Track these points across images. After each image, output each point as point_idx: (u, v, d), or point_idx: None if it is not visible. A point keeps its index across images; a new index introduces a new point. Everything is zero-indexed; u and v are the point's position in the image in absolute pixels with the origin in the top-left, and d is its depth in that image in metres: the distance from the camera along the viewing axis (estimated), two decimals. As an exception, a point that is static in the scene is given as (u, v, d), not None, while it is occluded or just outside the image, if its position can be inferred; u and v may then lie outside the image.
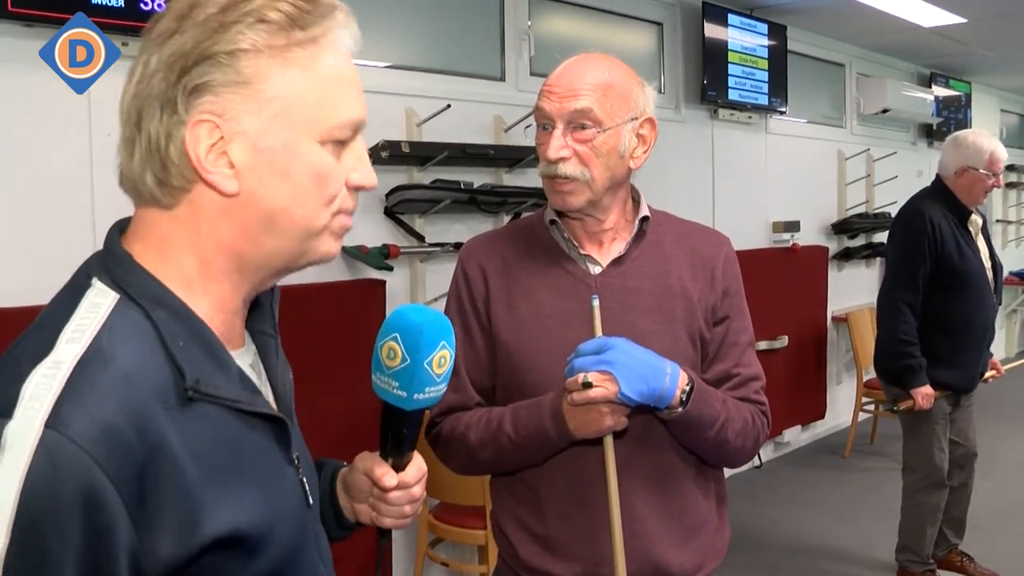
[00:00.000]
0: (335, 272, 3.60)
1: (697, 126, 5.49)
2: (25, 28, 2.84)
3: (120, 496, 0.79)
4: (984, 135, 3.79)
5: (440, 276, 3.93)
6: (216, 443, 0.89)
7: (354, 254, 3.58)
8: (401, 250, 3.71)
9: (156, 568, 0.83)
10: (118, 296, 0.89)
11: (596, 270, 1.68)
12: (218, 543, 0.87)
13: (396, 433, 1.14)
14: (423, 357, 1.09)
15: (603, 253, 1.69)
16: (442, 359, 1.11)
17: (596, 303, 1.60)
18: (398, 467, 1.14)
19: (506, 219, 4.17)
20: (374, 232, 3.70)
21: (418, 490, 1.17)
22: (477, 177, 4.01)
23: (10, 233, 2.84)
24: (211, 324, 0.93)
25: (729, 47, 5.47)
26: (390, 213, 3.73)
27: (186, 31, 0.88)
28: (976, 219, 3.80)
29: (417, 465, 1.17)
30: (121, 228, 0.97)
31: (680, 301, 1.65)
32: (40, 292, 2.69)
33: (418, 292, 3.87)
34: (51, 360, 0.82)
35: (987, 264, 3.81)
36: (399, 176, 3.77)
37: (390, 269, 3.64)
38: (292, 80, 0.90)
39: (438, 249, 3.86)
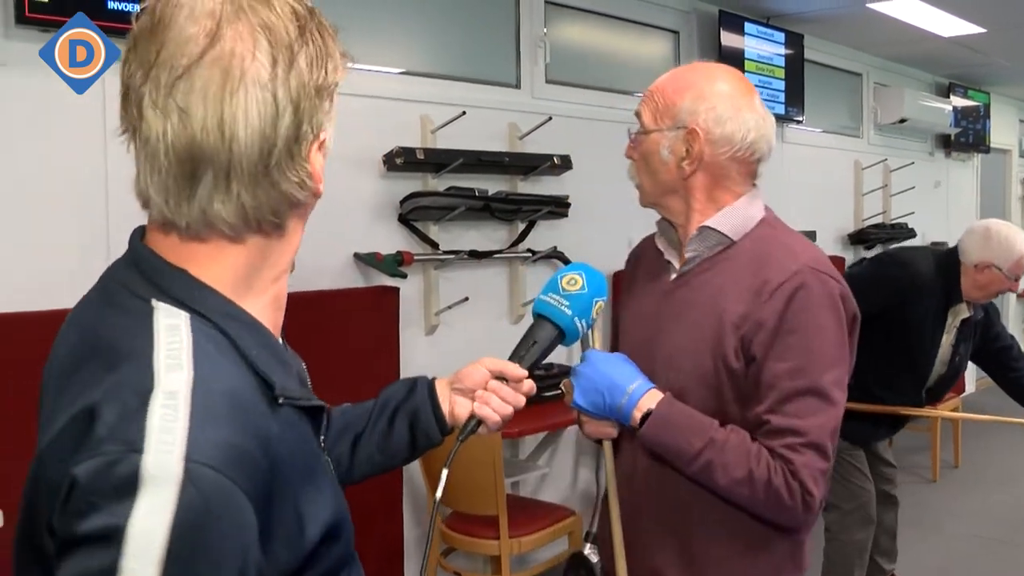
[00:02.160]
0: (349, 279, 3.59)
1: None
2: (41, 33, 2.84)
3: (256, 516, 0.81)
4: (1020, 234, 3.35)
5: (454, 284, 3.91)
6: (297, 444, 0.93)
7: (368, 261, 3.56)
8: (415, 257, 3.69)
9: None
10: (188, 315, 0.89)
11: (672, 277, 1.70)
12: (318, 542, 0.91)
13: (542, 343, 1.37)
14: (594, 295, 1.39)
15: (680, 261, 1.70)
16: (599, 307, 1.42)
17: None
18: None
19: (520, 227, 4.15)
20: (388, 239, 3.68)
21: (523, 397, 1.33)
22: (491, 184, 3.99)
23: (25, 237, 2.84)
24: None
25: (745, 56, 5.44)
26: (404, 220, 3.71)
27: (299, 60, 0.89)
28: (961, 309, 3.38)
29: (531, 382, 1.34)
30: (140, 235, 0.96)
31: (715, 324, 1.59)
32: (54, 296, 2.73)
33: (432, 299, 3.85)
34: (163, 391, 0.81)
35: (941, 359, 3.47)
36: (413, 183, 3.75)
37: (404, 276, 3.62)
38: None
39: (452, 256, 3.84)
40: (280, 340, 1.02)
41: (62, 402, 0.85)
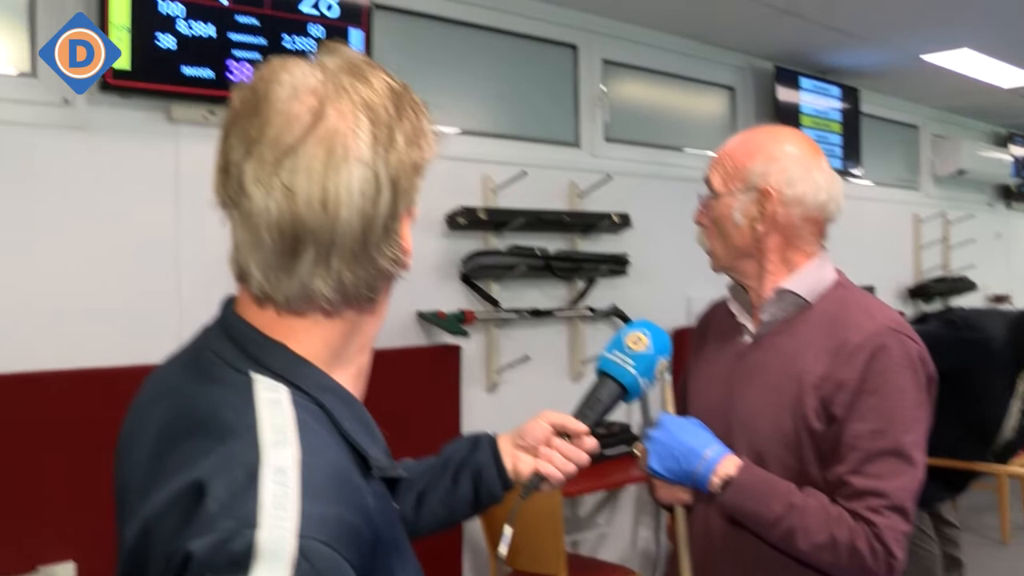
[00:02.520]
0: (411, 337, 3.62)
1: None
2: (123, 99, 2.96)
3: None
4: None
5: (515, 342, 3.93)
6: (387, 514, 0.93)
7: (431, 319, 3.59)
8: (477, 315, 3.72)
9: None
10: (287, 389, 0.90)
11: (747, 340, 1.70)
12: None
13: (605, 401, 1.36)
14: (658, 354, 1.39)
15: (755, 324, 1.70)
16: (664, 366, 1.42)
17: (668, 378, 1.60)
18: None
19: (580, 285, 4.17)
20: (450, 297, 3.72)
21: (586, 455, 1.32)
22: (552, 242, 4.02)
23: (101, 296, 2.92)
24: None
25: (802, 110, 5.44)
26: (466, 278, 3.75)
27: (397, 137, 0.91)
28: None
29: (593, 439, 1.33)
30: (232, 305, 0.97)
31: (794, 385, 1.59)
32: (129, 352, 2.79)
33: (493, 358, 3.86)
34: (271, 467, 0.82)
35: (1010, 425, 3.38)
36: (475, 242, 3.79)
37: (466, 335, 3.65)
38: None
39: (513, 315, 3.86)
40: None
41: (162, 474, 0.85)
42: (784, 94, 5.33)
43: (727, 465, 1.55)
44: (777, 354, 1.63)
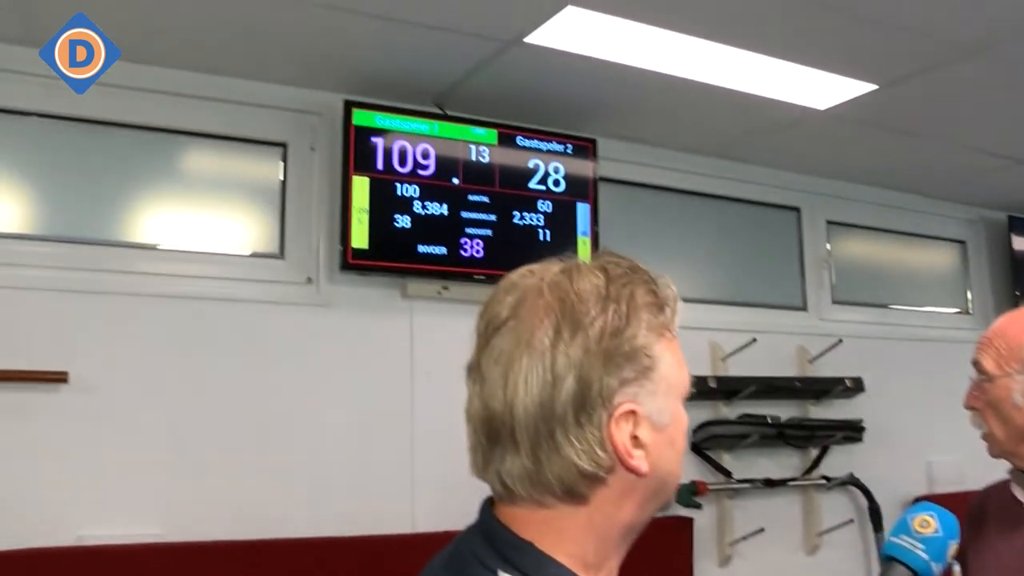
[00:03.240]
0: (643, 509, 3.57)
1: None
2: (361, 277, 3.17)
3: None
4: None
5: (747, 513, 3.81)
6: None
7: (663, 492, 3.54)
8: (709, 487, 3.64)
9: None
10: None
11: None
12: None
13: None
14: (948, 538, 1.31)
15: None
16: (954, 550, 1.33)
17: (957, 570, 1.52)
18: None
19: (814, 453, 4.02)
20: (682, 468, 3.66)
21: None
22: (783, 410, 3.92)
23: (338, 467, 3.07)
24: None
25: (1041, 260, 5.15)
26: (697, 449, 3.70)
27: (587, 329, 0.92)
28: None
29: None
30: (490, 504, 1.00)
31: None
32: (362, 524, 2.89)
33: (726, 530, 3.75)
34: None
35: None
36: (705, 411, 3.76)
37: (699, 507, 3.57)
38: (668, 356, 0.97)
39: (747, 485, 3.76)
40: None
41: None
42: (1021, 243, 5.06)
43: None
44: None
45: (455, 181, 3.29)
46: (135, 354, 2.84)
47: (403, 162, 3.19)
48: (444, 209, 3.26)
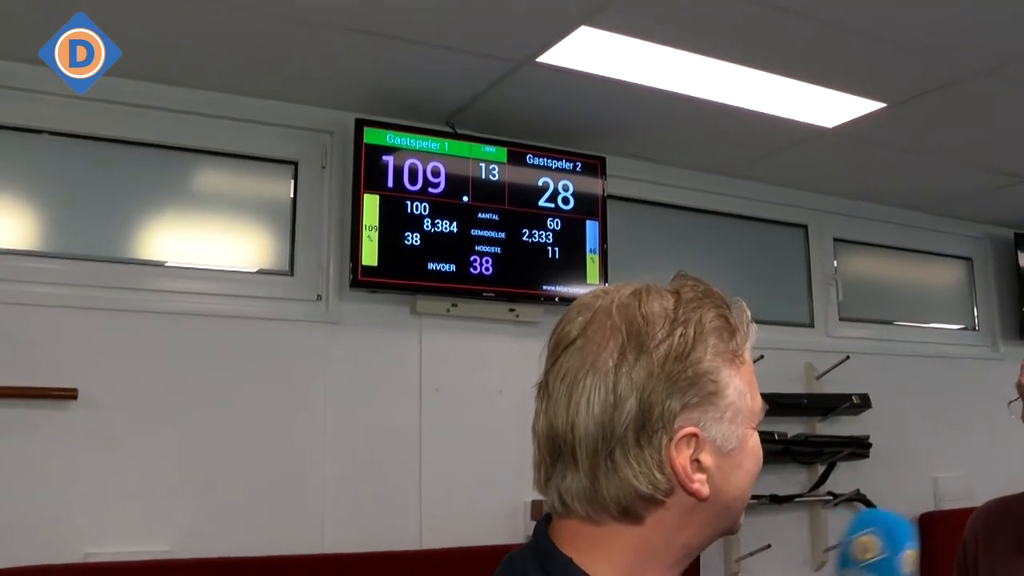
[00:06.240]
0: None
1: (1018, 364, 5.11)
2: (370, 294, 3.18)
3: None
4: None
5: (754, 529, 3.79)
6: None
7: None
8: (717, 504, 3.63)
9: None
10: None
11: None
12: None
13: None
14: (897, 553, 1.20)
15: None
16: (912, 559, 1.21)
17: None
18: None
19: (820, 469, 4.02)
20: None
21: None
22: (789, 427, 3.92)
23: (346, 482, 3.08)
24: None
25: (1048, 277, 5.14)
26: (705, 466, 3.69)
27: (651, 352, 0.92)
28: None
29: None
30: (547, 520, 1.00)
31: None
32: (370, 540, 2.89)
33: (732, 546, 3.75)
34: None
35: None
36: (713, 427, 3.75)
37: (707, 524, 3.56)
38: (737, 381, 0.96)
39: (753, 501, 3.75)
40: None
41: None
42: (1027, 261, 5.07)
43: None
44: None
45: (465, 199, 3.30)
46: (145, 371, 2.85)
47: (413, 180, 3.21)
48: (454, 227, 3.27)
